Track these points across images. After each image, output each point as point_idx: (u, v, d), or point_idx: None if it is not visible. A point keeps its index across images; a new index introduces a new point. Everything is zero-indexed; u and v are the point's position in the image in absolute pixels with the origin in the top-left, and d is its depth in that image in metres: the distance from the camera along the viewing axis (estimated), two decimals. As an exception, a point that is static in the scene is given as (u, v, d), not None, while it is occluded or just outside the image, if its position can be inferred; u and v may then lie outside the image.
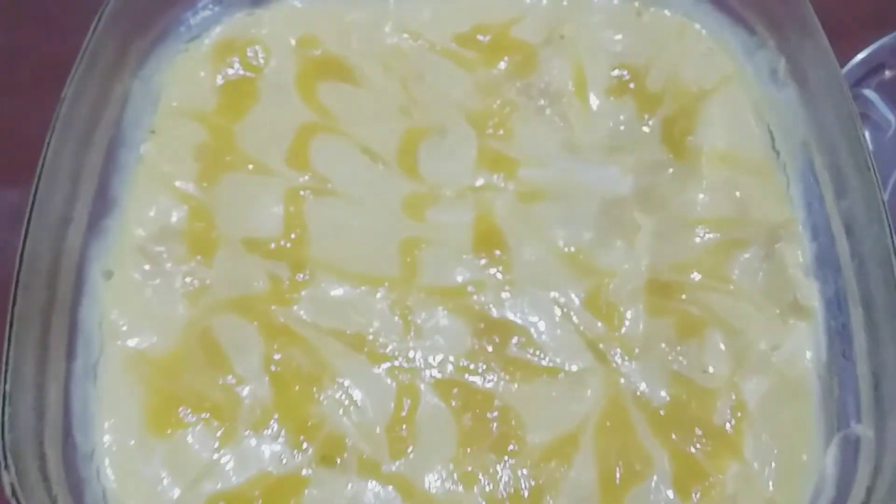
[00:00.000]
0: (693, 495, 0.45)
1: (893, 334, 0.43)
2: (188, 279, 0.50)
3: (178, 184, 0.53)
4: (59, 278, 0.47)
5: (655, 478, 0.45)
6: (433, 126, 0.56)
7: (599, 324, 0.49)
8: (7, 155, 0.65)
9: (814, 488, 0.44)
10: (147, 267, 0.50)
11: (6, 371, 0.41)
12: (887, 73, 0.66)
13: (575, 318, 0.49)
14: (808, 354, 0.48)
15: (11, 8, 0.72)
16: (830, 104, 0.50)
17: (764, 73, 0.55)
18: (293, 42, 0.58)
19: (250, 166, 0.54)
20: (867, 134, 0.64)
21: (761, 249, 0.50)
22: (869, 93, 0.64)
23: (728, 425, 0.46)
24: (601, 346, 0.49)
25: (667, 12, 0.59)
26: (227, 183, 0.53)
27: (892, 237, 0.44)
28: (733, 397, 0.47)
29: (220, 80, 0.57)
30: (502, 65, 0.58)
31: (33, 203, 0.45)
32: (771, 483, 0.45)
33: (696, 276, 0.50)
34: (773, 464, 0.45)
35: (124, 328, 0.48)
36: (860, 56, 0.64)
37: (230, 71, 0.57)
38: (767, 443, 0.46)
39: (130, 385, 0.47)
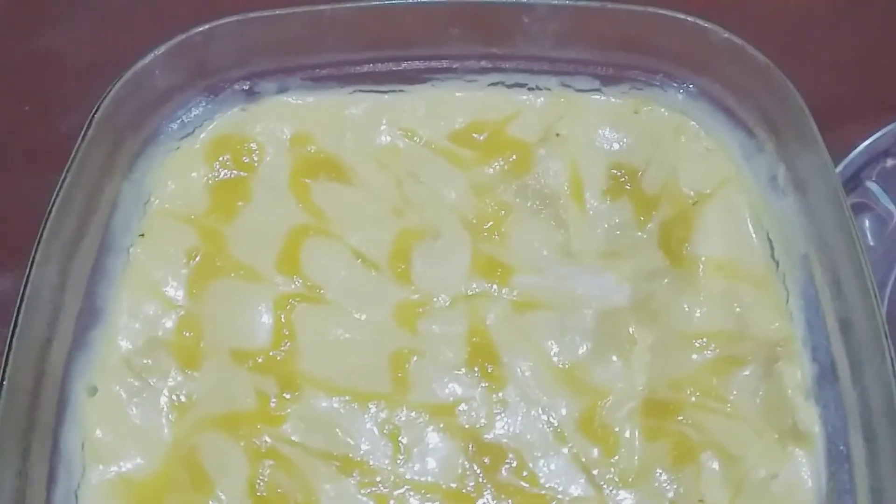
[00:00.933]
0: None
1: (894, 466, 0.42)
2: (174, 395, 0.49)
3: (166, 290, 0.52)
4: (40, 401, 0.46)
5: None
6: (427, 228, 0.55)
7: (594, 449, 0.48)
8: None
9: None
10: (132, 381, 0.49)
11: (-17, 509, 0.40)
12: (889, 162, 0.65)
13: (569, 442, 0.48)
14: (809, 485, 0.46)
15: (5, 87, 0.72)
16: (832, 219, 0.49)
17: (763, 179, 0.54)
18: (287, 139, 0.57)
19: (241, 272, 0.53)
20: (867, 226, 0.63)
21: (760, 367, 0.49)
22: (870, 184, 0.63)
23: (726, 562, 0.45)
24: (595, 472, 0.47)
25: (664, 110, 0.58)
26: (217, 290, 0.53)
27: (893, 371, 0.43)
28: None
29: (212, 181, 0.56)
30: (497, 165, 0.57)
31: (16, 325, 0.44)
32: None
33: (694, 397, 0.49)
34: None
35: (107, 449, 0.47)
36: (862, 146, 0.63)
37: (223, 171, 0.56)
38: None
39: (112, 511, 0.46)
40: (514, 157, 0.57)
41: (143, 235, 0.54)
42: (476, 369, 0.50)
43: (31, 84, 0.72)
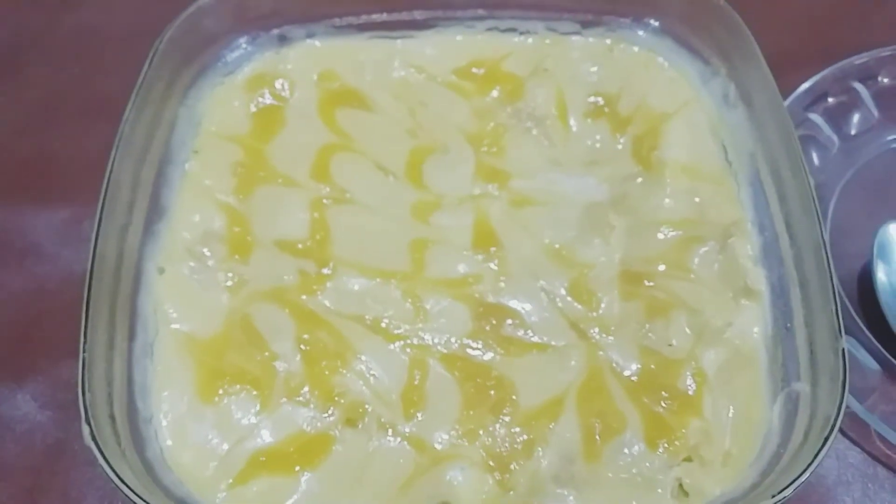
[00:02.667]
0: (660, 447, 0.52)
1: (824, 308, 0.51)
2: (229, 274, 0.58)
3: (218, 195, 0.61)
4: (121, 272, 0.54)
5: (629, 433, 0.52)
6: (436, 145, 0.65)
7: (580, 307, 0.57)
8: (57, 177, 0.73)
9: (763, 438, 0.51)
10: (193, 264, 0.58)
11: (84, 345, 0.49)
12: (830, 100, 0.73)
13: (559, 303, 0.57)
14: (757, 329, 0.55)
15: (61, 50, 0.81)
16: (772, 122, 0.59)
17: (717, 97, 0.64)
18: (315, 77, 0.67)
19: (280, 180, 0.62)
20: (814, 153, 0.71)
21: (717, 244, 0.58)
22: (815, 117, 0.71)
23: (690, 389, 0.53)
24: (582, 325, 0.56)
25: (635, 48, 0.68)
26: (260, 194, 0.61)
27: (821, 229, 0.52)
28: (694, 366, 0.54)
29: (252, 108, 0.65)
30: (495, 93, 0.67)
31: (102, 209, 0.53)
32: (727, 436, 0.52)
33: (662, 267, 0.58)
34: (729, 420, 0.52)
35: (174, 315, 0.55)
36: (806, 85, 0.71)
37: (261, 100, 0.66)
38: (723, 403, 0.53)
39: (181, 361, 0.54)
40: (509, 87, 0.67)
41: (196, 151, 0.62)
42: (481, 251, 0.59)
43: (79, 50, 0.81)
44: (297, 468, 0.51)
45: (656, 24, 0.68)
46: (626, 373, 0.55)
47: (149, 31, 0.84)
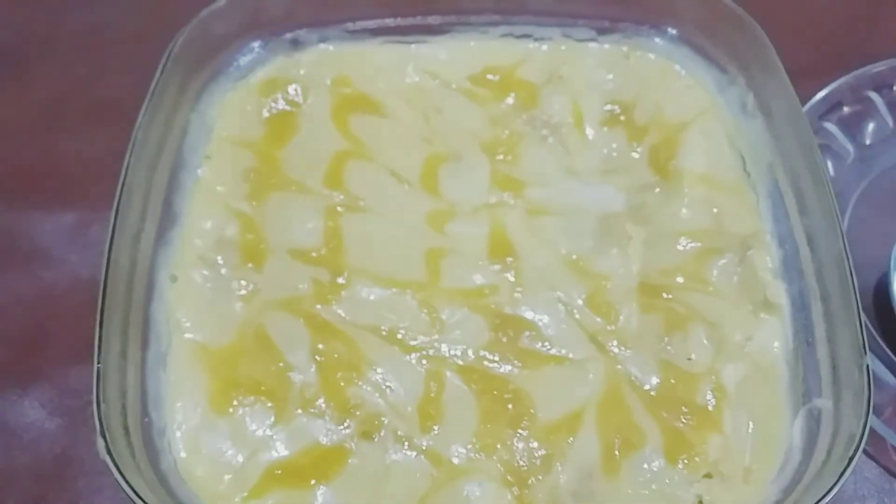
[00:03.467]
0: (680, 462, 0.51)
1: (847, 323, 0.50)
2: (242, 282, 0.57)
3: (230, 202, 0.60)
4: (134, 280, 0.53)
5: (648, 448, 0.51)
6: (451, 152, 0.64)
7: (598, 319, 0.57)
8: (64, 180, 0.72)
9: (784, 455, 0.51)
10: (206, 272, 0.57)
11: (99, 355, 0.48)
12: (845, 109, 0.73)
13: (577, 315, 0.57)
14: (777, 344, 0.55)
15: (66, 51, 0.80)
16: (792, 132, 0.58)
17: (735, 106, 0.64)
18: (328, 82, 0.66)
19: (293, 187, 0.61)
20: (829, 162, 0.71)
21: (736, 256, 0.58)
22: (830, 126, 0.71)
23: (710, 404, 0.53)
24: (600, 338, 0.56)
25: (651, 55, 0.68)
26: (273, 201, 0.61)
27: (844, 243, 0.52)
28: (713, 381, 0.54)
29: (265, 114, 0.65)
30: (510, 100, 0.66)
31: (116, 216, 0.53)
32: (747, 452, 0.52)
33: (680, 279, 0.58)
34: (749, 436, 0.52)
35: (187, 324, 0.55)
36: (821, 94, 0.71)
37: (274, 106, 0.65)
38: (743, 419, 0.52)
39: (195, 372, 0.53)
40: (524, 94, 0.66)
41: (208, 157, 0.62)
42: (497, 261, 0.59)
43: (85, 51, 0.79)
44: (313, 481, 0.51)
45: (673, 31, 0.67)
46: (646, 387, 0.54)
47: (155, 32, 0.83)
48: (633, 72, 0.67)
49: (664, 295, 0.57)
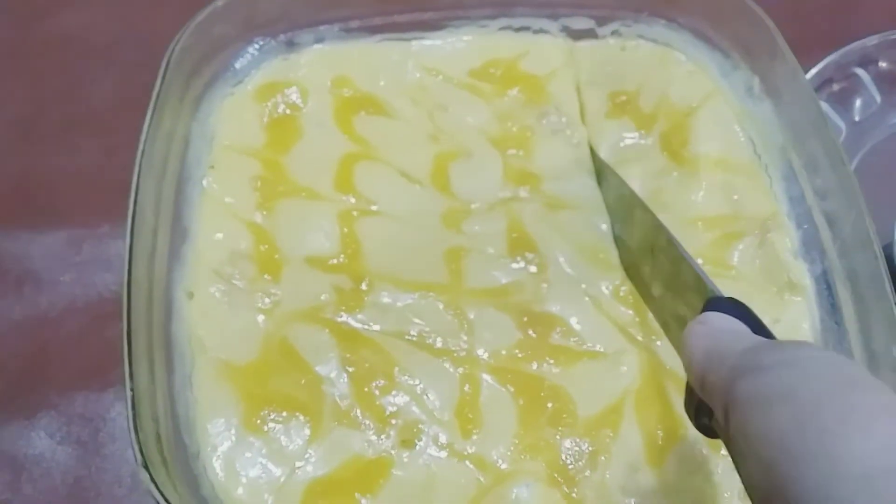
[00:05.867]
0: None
1: (878, 302, 0.51)
2: (260, 295, 0.55)
3: (239, 212, 0.58)
4: (153, 302, 0.51)
5: (691, 437, 0.52)
6: (460, 150, 0.63)
7: (627, 311, 0.57)
8: (48, 198, 0.69)
9: None
10: (223, 287, 0.55)
11: (131, 382, 0.46)
12: (835, 86, 0.75)
13: (605, 307, 0.57)
14: (806, 325, 0.55)
15: (37, 61, 0.76)
16: (804, 114, 0.59)
17: (740, 90, 0.64)
18: (328, 83, 0.64)
19: (303, 193, 0.60)
20: None
21: (755, 239, 0.58)
22: (822, 104, 0.71)
23: (745, 389, 0.54)
24: (630, 329, 0.56)
25: (651, 43, 0.67)
26: (284, 209, 0.59)
27: (868, 221, 0.53)
28: None
29: (265, 119, 0.63)
30: (514, 94, 0.65)
31: (132, 236, 0.50)
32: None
33: (702, 264, 0.58)
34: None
35: (210, 343, 0.53)
36: (813, 71, 0.72)
37: (274, 111, 0.63)
38: None
39: (223, 391, 0.51)
40: (528, 87, 0.66)
41: (212, 167, 0.59)
42: (519, 258, 0.58)
43: (56, 62, 0.76)
44: (358, 495, 0.49)
45: (673, 18, 0.67)
46: (681, 375, 0.54)
47: (131, 38, 0.80)
48: (633, 60, 0.67)
49: (689, 282, 0.57)
